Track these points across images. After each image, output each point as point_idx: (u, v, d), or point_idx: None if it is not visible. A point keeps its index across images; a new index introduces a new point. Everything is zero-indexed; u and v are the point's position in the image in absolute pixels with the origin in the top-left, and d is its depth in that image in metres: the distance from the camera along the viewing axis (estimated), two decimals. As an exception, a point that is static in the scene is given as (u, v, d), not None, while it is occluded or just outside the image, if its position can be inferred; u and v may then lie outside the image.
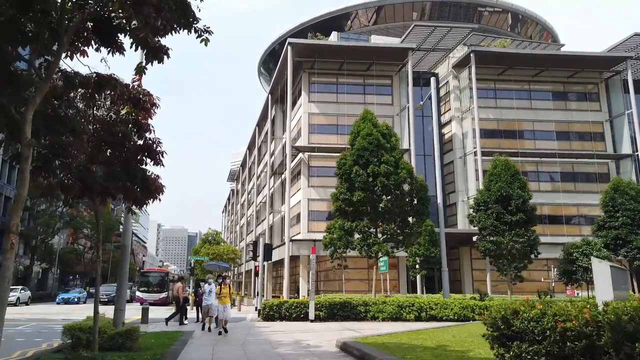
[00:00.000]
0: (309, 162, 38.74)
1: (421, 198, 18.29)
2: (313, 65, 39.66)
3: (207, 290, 14.25)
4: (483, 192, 19.43)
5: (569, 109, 41.56)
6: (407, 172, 17.80)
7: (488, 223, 18.79)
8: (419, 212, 18.35)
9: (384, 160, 17.60)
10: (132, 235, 13.31)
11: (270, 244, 23.27)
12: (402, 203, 18.01)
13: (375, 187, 17.78)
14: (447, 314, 16.80)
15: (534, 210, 19.20)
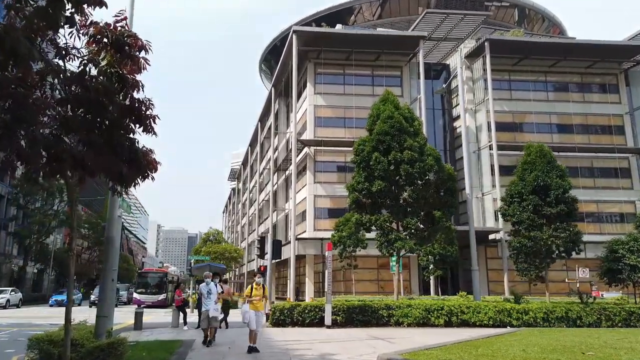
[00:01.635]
0: (314, 156, 36.82)
1: (449, 189, 16.35)
2: (319, 55, 37.74)
3: (204, 291, 10.98)
4: (516, 182, 17.49)
5: (587, 101, 39.65)
6: (434, 159, 15.88)
7: (524, 216, 16.84)
8: (447, 205, 16.40)
9: (407, 145, 15.66)
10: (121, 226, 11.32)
11: (280, 240, 21.30)
12: (427, 194, 16.07)
13: (398, 176, 15.83)
14: (481, 318, 14.87)
15: (575, 202, 17.26)
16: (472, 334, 12.27)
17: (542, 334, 11.74)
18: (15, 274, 49.63)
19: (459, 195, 17.23)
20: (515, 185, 17.55)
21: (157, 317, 23.23)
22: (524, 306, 15.29)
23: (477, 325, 14.82)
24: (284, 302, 15.35)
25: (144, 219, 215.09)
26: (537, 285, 30.08)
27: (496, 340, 10.18)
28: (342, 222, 30.38)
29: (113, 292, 10.95)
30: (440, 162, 16.31)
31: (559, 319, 15.11)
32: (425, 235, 16.20)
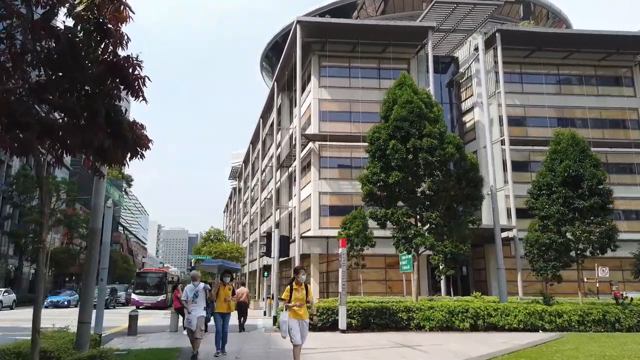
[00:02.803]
0: (319, 152, 35.48)
1: (472, 180, 14.99)
2: (324, 47, 36.42)
3: (189, 294, 8.77)
4: (545, 173, 16.12)
5: (601, 94, 38.29)
6: (455, 147, 14.53)
7: (553, 210, 15.47)
8: (470, 198, 15.04)
9: (427, 132, 14.31)
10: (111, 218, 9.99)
11: (287, 236, 19.93)
12: (448, 186, 14.71)
13: (417, 165, 14.47)
14: (510, 321, 13.52)
15: (611, 194, 15.89)
16: (509, 340, 10.94)
17: (593, 341, 10.43)
18: (12, 274, 48.34)
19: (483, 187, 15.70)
20: (543, 176, 16.18)
21: (156, 319, 21.89)
22: (556, 308, 13.94)
23: (506, 329, 13.48)
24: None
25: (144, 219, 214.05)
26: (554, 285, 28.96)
27: (547, 350, 8.84)
28: (350, 220, 29.14)
29: (102, 294, 9.62)
30: (461, 151, 14.97)
31: (596, 322, 13.78)
32: (445, 231, 14.83)
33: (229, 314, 9.91)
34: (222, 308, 9.66)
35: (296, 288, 7.92)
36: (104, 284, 9.53)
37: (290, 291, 7.91)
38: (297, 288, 7.93)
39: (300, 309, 7.77)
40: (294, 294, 7.87)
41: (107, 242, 9.90)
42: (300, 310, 7.77)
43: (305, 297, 7.95)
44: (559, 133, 16.85)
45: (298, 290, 7.91)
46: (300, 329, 7.74)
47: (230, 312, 9.98)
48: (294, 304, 7.76)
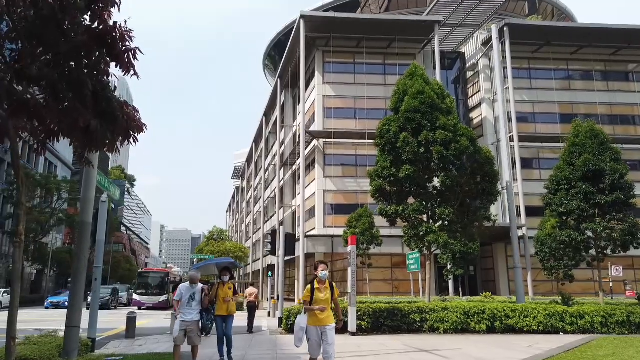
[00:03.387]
0: (324, 149, 34.79)
1: (487, 174, 14.25)
2: (328, 43, 35.72)
3: (185, 294, 7.69)
4: (563, 167, 15.37)
5: (612, 89, 37.47)
6: (469, 140, 13.80)
7: (573, 206, 14.71)
8: (486, 193, 14.30)
9: (441, 124, 13.59)
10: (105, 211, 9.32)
11: (293, 234, 19.23)
12: (462, 181, 13.98)
13: (429, 159, 13.74)
14: (529, 323, 12.78)
15: (633, 188, 15.12)
16: (533, 344, 10.21)
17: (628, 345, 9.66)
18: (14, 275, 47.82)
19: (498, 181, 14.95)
20: (561, 170, 15.42)
21: (157, 320, 21.27)
22: (577, 309, 13.18)
23: (525, 332, 12.75)
24: (300, 305, 13.25)
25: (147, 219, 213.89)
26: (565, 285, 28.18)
27: (582, 356, 8.09)
28: (355, 218, 28.47)
29: (96, 294, 8.95)
30: (476, 144, 14.23)
31: (620, 324, 13.03)
32: (458, 229, 14.10)
33: (230, 316, 8.82)
34: (221, 310, 8.57)
35: (318, 287, 6.41)
36: (98, 284, 8.84)
37: (311, 291, 6.43)
38: (320, 287, 6.42)
39: (323, 312, 6.27)
40: (316, 295, 6.36)
41: (101, 240, 9.24)
42: (322, 314, 6.27)
43: (330, 298, 6.49)
44: (577, 125, 16.11)
45: (321, 289, 6.40)
46: (324, 338, 6.24)
47: (232, 314, 8.85)
48: (317, 306, 6.25)
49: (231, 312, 8.83)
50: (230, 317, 8.84)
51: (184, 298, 7.68)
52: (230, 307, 8.77)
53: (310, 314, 6.29)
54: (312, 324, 6.25)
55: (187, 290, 7.76)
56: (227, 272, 8.86)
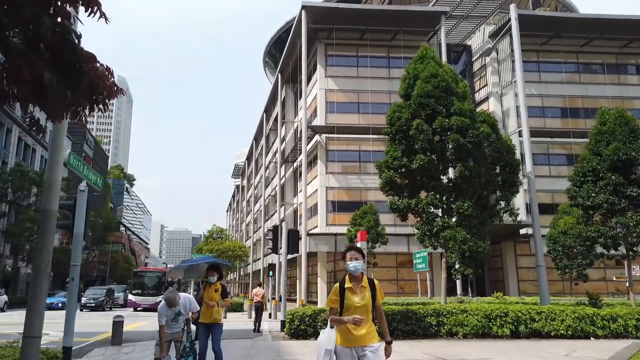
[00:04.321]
0: (326, 145, 33.66)
1: (508, 164, 13.11)
2: (330, 35, 34.58)
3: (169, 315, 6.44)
4: (589, 157, 14.22)
5: (623, 83, 36.32)
6: (489, 126, 12.66)
7: (601, 198, 13.57)
8: (507, 184, 13.16)
9: (456, 110, 12.45)
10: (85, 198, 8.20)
11: (297, 230, 18.10)
12: (481, 171, 12.83)
13: (445, 148, 12.61)
14: (557, 327, 11.63)
15: (666, 179, 13.96)
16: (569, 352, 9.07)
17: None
18: (10, 274, 46.75)
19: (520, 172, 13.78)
20: (587, 161, 14.27)
21: (152, 323, 20.01)
22: (609, 311, 12.03)
23: (552, 336, 11.60)
24: (305, 308, 12.13)
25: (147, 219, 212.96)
26: (577, 285, 27.03)
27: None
28: (360, 215, 27.33)
29: (72, 296, 7.80)
30: (497, 131, 13.09)
31: (655, 328, 11.87)
32: (476, 224, 12.94)
33: (217, 325, 7.24)
34: (205, 317, 7.10)
35: (351, 287, 4.15)
36: (75, 284, 7.71)
37: (340, 294, 4.18)
38: (354, 287, 4.15)
39: (360, 326, 3.99)
40: (348, 299, 4.11)
41: (79, 234, 8.10)
42: (359, 329, 4.00)
43: (371, 303, 4.15)
44: (604, 112, 14.98)
45: (355, 290, 4.14)
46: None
47: (218, 322, 7.26)
48: (350, 318, 3.95)
49: (217, 320, 7.25)
50: (217, 326, 7.26)
51: (168, 318, 6.44)
52: (215, 314, 7.22)
53: (340, 329, 4.01)
54: (344, 344, 3.99)
55: (168, 312, 6.44)
56: (214, 271, 7.46)
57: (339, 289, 4.23)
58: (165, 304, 6.40)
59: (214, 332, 7.21)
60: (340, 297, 4.14)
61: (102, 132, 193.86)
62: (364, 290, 4.16)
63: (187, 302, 6.66)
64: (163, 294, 22.93)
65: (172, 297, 6.40)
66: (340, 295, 4.16)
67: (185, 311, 6.60)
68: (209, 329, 7.17)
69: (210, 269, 7.51)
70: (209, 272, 7.48)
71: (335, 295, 4.19)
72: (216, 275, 7.48)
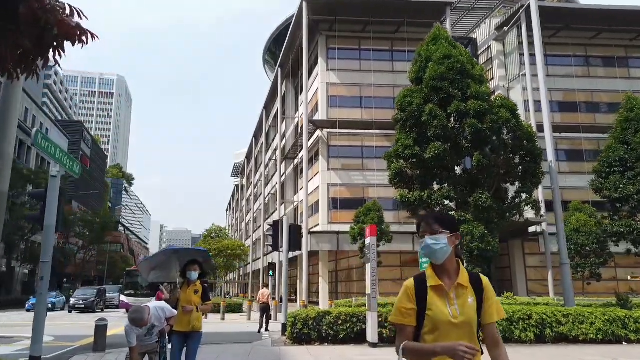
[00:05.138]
0: (328, 140, 32.63)
1: (529, 152, 12.06)
2: (332, 27, 33.57)
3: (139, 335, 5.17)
4: (615, 146, 13.21)
5: (633, 77, 35.25)
6: (509, 111, 11.62)
7: (631, 190, 12.54)
8: (528, 175, 12.11)
9: (473, 93, 11.41)
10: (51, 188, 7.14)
11: (299, 225, 17.06)
12: (500, 160, 11.79)
13: (461, 135, 11.56)
14: (586, 330, 10.58)
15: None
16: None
17: None
18: (6, 275, 45.76)
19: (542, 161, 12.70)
20: (613, 150, 13.25)
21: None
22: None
23: (581, 341, 10.55)
24: (309, 309, 11.07)
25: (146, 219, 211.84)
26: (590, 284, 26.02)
27: None
28: (363, 212, 26.29)
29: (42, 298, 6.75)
30: (517, 116, 12.04)
31: (693, 331, 10.81)
32: (495, 218, 11.89)
33: (195, 334, 5.80)
34: (181, 324, 5.65)
35: (438, 286, 2.19)
36: (45, 284, 6.66)
37: (417, 300, 2.20)
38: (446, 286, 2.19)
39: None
40: (434, 308, 2.16)
41: (50, 226, 7.04)
42: None
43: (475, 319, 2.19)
44: (630, 97, 13.95)
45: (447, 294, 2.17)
46: None
47: (198, 330, 5.82)
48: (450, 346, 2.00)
49: (195, 328, 5.79)
50: (196, 335, 5.81)
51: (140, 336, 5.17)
52: (194, 320, 5.74)
53: None
54: None
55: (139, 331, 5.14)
56: (195, 267, 5.92)
57: (415, 289, 2.23)
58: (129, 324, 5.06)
59: (191, 343, 5.78)
60: (419, 304, 2.19)
61: (101, 132, 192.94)
62: (464, 293, 2.20)
63: (159, 314, 5.31)
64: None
65: (138, 317, 4.96)
66: (418, 302, 2.20)
67: (160, 323, 5.33)
68: (185, 338, 5.71)
69: (192, 264, 5.94)
70: (189, 267, 5.89)
71: (409, 300, 2.22)
72: (198, 271, 5.96)
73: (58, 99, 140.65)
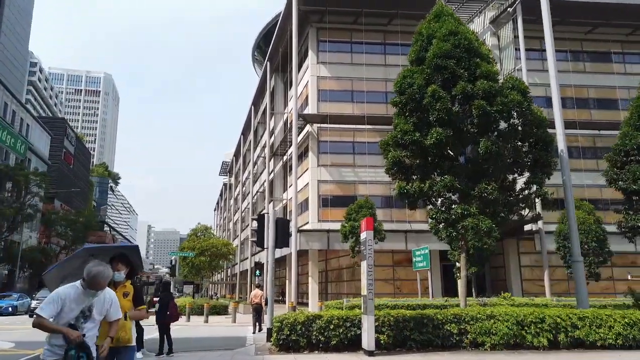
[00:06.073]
0: (318, 136, 31.48)
1: (540, 139, 11.01)
2: (322, 18, 32.46)
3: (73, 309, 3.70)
4: (632, 133, 12.25)
5: (629, 72, 34.63)
6: (520, 93, 10.56)
7: (650, 180, 11.57)
8: (540, 164, 11.05)
9: (483, 73, 10.33)
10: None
11: (288, 219, 15.87)
12: (508, 147, 10.71)
13: (467, 120, 10.45)
14: (604, 335, 9.55)
15: None
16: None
17: None
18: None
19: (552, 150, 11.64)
20: (630, 137, 12.26)
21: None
22: (662, 315, 9.97)
23: (599, 347, 9.52)
24: (297, 313, 9.89)
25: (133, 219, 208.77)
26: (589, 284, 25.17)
27: None
28: (355, 210, 25.18)
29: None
30: (529, 99, 10.99)
31: None
32: (503, 210, 10.82)
33: (126, 348, 4.45)
34: (104, 337, 4.04)
35: None
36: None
37: None
38: None
39: None
40: None
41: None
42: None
43: None
44: (646, 82, 12.99)
45: None
46: None
47: (128, 344, 4.46)
48: None
49: (124, 341, 4.40)
50: (125, 351, 4.44)
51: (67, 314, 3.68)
52: (121, 331, 4.32)
53: None
54: None
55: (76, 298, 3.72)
56: (120, 265, 4.62)
57: None
58: (81, 282, 3.71)
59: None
60: None
61: (87, 131, 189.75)
62: None
63: (106, 301, 3.90)
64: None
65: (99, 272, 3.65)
66: None
67: (99, 314, 3.88)
68: (111, 357, 4.22)
69: (119, 260, 4.65)
70: (114, 265, 4.55)
71: None
72: (124, 270, 4.67)
73: (42, 96, 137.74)
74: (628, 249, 30.05)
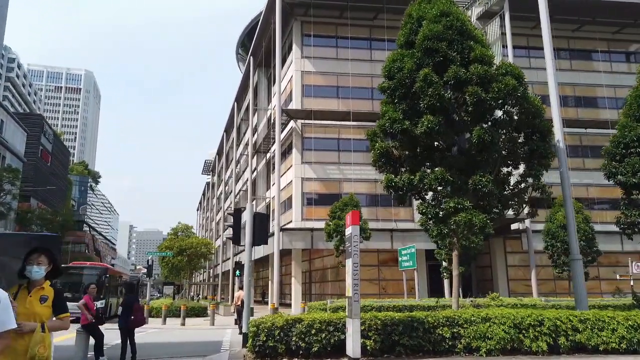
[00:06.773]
0: (302, 132, 30.63)
1: (538, 129, 10.29)
2: (307, 11, 31.60)
3: None
4: (630, 124, 11.61)
5: (615, 71, 34.50)
6: (516, 78, 9.85)
7: (651, 174, 10.95)
8: (537, 155, 10.33)
9: (477, 56, 9.60)
10: None
11: (267, 214, 14.93)
12: (504, 137, 9.98)
13: (460, 108, 9.69)
14: (606, 339, 8.86)
15: None
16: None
17: None
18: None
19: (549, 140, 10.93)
20: (629, 129, 11.64)
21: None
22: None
23: (601, 351, 8.83)
24: (275, 316, 8.99)
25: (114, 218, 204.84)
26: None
27: None
28: (339, 207, 24.40)
29: None
30: (525, 85, 10.30)
31: None
32: (497, 205, 10.09)
33: None
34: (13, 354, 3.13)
35: None
36: None
37: None
38: None
39: None
40: None
41: None
42: None
43: None
44: (645, 70, 12.42)
45: None
46: None
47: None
48: None
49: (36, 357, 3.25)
50: None
51: None
52: (35, 347, 3.25)
53: None
54: None
55: None
56: (41, 258, 3.52)
57: None
58: None
59: None
60: None
61: (67, 129, 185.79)
62: None
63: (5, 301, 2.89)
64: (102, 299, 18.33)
65: None
66: None
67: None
68: None
69: (35, 254, 3.52)
70: (30, 260, 3.49)
71: None
72: (45, 265, 3.55)
73: (20, 92, 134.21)
74: (614, 249, 29.87)
